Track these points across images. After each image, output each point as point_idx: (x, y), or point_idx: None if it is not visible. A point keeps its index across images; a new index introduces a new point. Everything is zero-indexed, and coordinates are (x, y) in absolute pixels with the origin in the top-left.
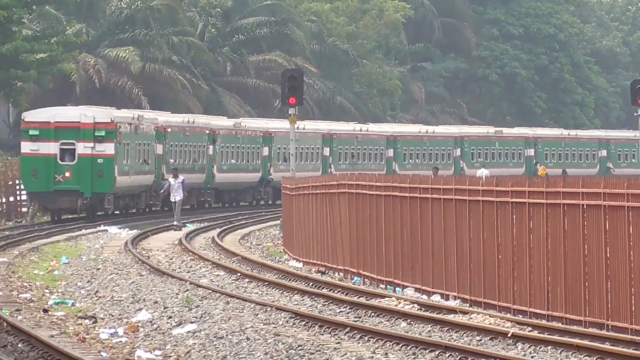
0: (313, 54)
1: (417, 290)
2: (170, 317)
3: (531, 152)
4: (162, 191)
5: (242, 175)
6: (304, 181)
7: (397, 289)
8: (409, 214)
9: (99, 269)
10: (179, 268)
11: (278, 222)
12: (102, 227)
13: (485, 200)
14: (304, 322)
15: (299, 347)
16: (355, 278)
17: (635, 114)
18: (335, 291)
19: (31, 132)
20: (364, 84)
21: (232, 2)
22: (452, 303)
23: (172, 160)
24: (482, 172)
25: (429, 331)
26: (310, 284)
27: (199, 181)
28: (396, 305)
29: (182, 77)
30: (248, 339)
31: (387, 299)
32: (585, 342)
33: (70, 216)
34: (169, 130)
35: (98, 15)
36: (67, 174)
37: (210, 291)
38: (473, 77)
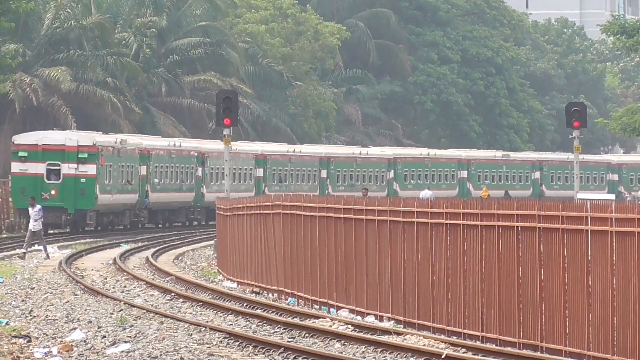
0: (248, 75)
1: (351, 311)
2: (104, 337)
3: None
4: (144, 207)
5: (234, 195)
6: (238, 202)
7: (332, 309)
8: (343, 235)
9: (33, 288)
10: (113, 288)
11: (212, 242)
12: (36, 247)
13: (419, 221)
14: (238, 343)
15: None
16: (290, 298)
17: (570, 136)
18: (270, 312)
19: (20, 154)
20: (299, 106)
21: (166, 22)
22: (386, 324)
23: (156, 180)
24: (426, 194)
25: (363, 352)
26: (245, 305)
27: (187, 200)
28: (330, 326)
29: (115, 99)
30: (182, 359)
31: (321, 319)
32: None
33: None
34: (153, 153)
35: (33, 35)
36: (52, 192)
37: (144, 311)
38: (409, 101)
